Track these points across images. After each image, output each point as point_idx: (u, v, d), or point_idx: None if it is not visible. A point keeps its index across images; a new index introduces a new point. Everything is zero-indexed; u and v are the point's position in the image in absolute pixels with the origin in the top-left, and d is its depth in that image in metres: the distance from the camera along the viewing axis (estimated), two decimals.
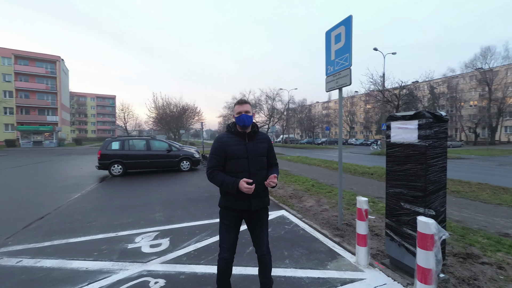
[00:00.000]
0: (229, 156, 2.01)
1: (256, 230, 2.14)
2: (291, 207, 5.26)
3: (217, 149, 2.04)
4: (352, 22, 3.61)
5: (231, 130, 2.11)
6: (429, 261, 2.06)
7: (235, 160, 2.01)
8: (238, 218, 2.09)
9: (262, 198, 2.10)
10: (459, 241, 3.49)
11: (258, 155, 2.07)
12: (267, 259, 2.15)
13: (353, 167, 11.51)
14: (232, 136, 2.08)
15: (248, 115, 2.04)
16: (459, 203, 5.62)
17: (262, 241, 2.14)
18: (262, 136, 2.17)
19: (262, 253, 2.14)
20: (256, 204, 2.05)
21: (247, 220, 2.15)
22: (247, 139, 2.08)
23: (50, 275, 2.76)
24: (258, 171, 2.04)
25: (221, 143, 2.04)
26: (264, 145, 2.14)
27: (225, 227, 2.09)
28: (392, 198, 2.75)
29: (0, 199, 6.24)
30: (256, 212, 2.10)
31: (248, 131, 2.09)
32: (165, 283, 2.56)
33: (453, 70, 45.60)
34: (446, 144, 2.55)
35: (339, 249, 3.31)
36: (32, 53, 41.71)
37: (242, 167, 2.00)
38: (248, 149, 2.04)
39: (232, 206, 2.05)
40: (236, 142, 2.05)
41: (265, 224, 2.18)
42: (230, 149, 2.02)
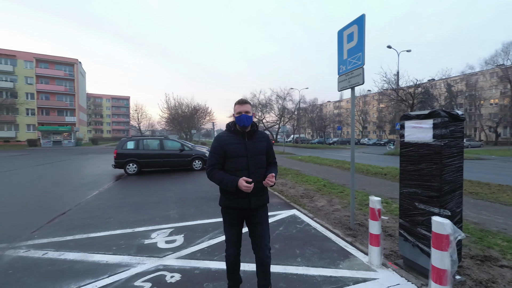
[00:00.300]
0: (228, 154, 2.03)
1: (256, 229, 2.11)
2: (302, 206, 5.27)
3: (216, 147, 2.07)
4: (365, 21, 3.59)
5: (230, 129, 2.13)
6: (444, 261, 2.04)
7: (234, 159, 2.03)
8: (238, 216, 2.10)
9: (262, 196, 2.11)
10: (477, 244, 3.39)
11: (257, 154, 2.08)
12: (268, 264, 2.10)
13: (366, 167, 11.33)
14: (231, 135, 2.10)
15: (248, 115, 2.05)
16: (477, 205, 5.44)
17: (264, 242, 2.08)
18: (261, 135, 2.19)
19: (265, 257, 2.06)
20: (256, 202, 2.06)
21: (247, 219, 2.13)
22: (247, 138, 2.09)
23: (74, 267, 2.92)
24: (257, 170, 2.06)
25: (220, 142, 2.07)
26: (263, 143, 2.15)
27: (228, 225, 2.12)
28: (406, 198, 2.72)
29: (26, 196, 6.60)
30: (256, 209, 2.10)
31: (248, 130, 2.11)
32: (181, 277, 2.66)
33: (472, 67, 43.72)
34: (462, 144, 2.50)
35: (352, 248, 3.30)
36: (52, 56, 43.56)
37: (241, 165, 2.02)
38: (248, 147, 2.06)
39: (232, 205, 2.06)
40: (235, 141, 2.07)
41: (266, 223, 2.15)
42: (230, 148, 2.04)
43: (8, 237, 3.81)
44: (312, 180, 8.28)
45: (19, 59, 41.02)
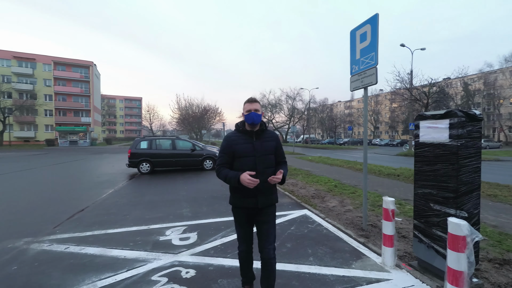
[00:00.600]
0: (236, 154, 2.05)
1: (262, 227, 2.09)
2: (313, 206, 5.27)
3: (225, 147, 2.10)
4: (379, 21, 3.56)
5: (239, 129, 2.15)
6: (460, 263, 2.01)
7: (242, 158, 2.04)
8: (247, 215, 2.11)
9: (270, 195, 2.10)
10: (495, 247, 3.30)
11: (265, 153, 2.08)
12: (272, 264, 2.02)
13: (378, 168, 11.14)
14: (240, 135, 2.11)
15: (257, 113, 2.05)
16: (496, 208, 5.27)
17: (269, 241, 2.05)
18: (270, 134, 2.18)
19: (269, 257, 2.00)
20: (263, 201, 2.05)
21: (254, 217, 2.12)
22: (255, 137, 2.09)
23: (94, 261, 3.06)
24: (265, 169, 2.04)
25: (229, 141, 2.09)
26: (272, 143, 2.13)
27: (238, 223, 2.16)
28: (420, 199, 2.69)
29: (46, 193, 6.91)
30: (264, 208, 2.09)
31: (256, 130, 2.11)
32: (196, 273, 2.74)
33: (490, 65, 42.13)
34: (480, 144, 2.46)
35: (364, 249, 3.29)
36: (68, 59, 45.14)
37: (249, 165, 2.02)
38: (255, 147, 2.06)
39: (240, 204, 2.07)
40: (243, 140, 2.08)
41: (272, 222, 2.12)
42: (238, 147, 2.05)
43: (32, 232, 4.01)
44: (323, 181, 8.24)
45: (38, 62, 42.77)
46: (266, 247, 2.03)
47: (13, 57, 41.26)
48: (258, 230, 2.12)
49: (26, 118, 41.25)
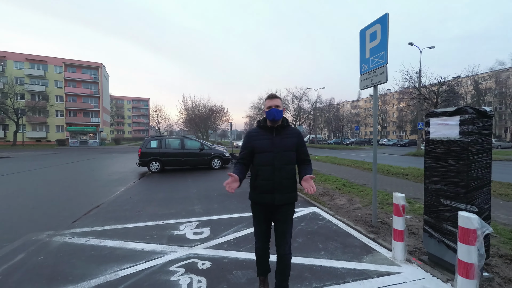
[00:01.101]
0: (255, 149, 2.08)
1: (280, 226, 2.09)
2: (322, 204, 5.34)
3: (245, 143, 2.14)
4: (388, 20, 3.62)
5: (260, 125, 2.16)
6: (471, 255, 2.07)
7: (260, 154, 2.06)
8: (264, 211, 2.10)
9: (288, 193, 2.06)
10: (506, 244, 3.32)
11: (284, 150, 2.05)
12: (288, 259, 2.10)
13: (386, 167, 11.09)
14: (260, 131, 2.13)
15: (278, 109, 2.05)
16: (508, 206, 5.23)
17: (285, 239, 2.09)
18: (292, 130, 2.15)
19: (285, 253, 2.09)
20: (280, 198, 2.02)
21: (272, 215, 2.12)
22: (275, 133, 2.08)
23: (114, 252, 3.21)
24: (283, 166, 2.02)
25: (249, 137, 2.14)
26: (293, 140, 2.10)
27: (256, 219, 2.16)
28: (431, 195, 2.74)
29: (62, 190, 7.16)
30: (281, 207, 2.06)
31: (277, 125, 2.10)
32: (211, 265, 2.85)
33: (502, 63, 41.16)
34: (490, 141, 2.50)
35: (374, 244, 3.35)
36: (78, 61, 46.17)
37: (266, 160, 2.02)
38: (274, 143, 2.04)
39: (257, 199, 2.09)
40: (263, 136, 2.09)
41: (289, 221, 2.11)
42: (256, 143, 2.08)
43: (52, 226, 4.21)
44: (330, 180, 8.28)
45: (49, 64, 43.89)
46: (282, 245, 2.09)
47: (26, 59, 42.46)
48: (276, 228, 2.14)
49: (38, 119, 42.37)
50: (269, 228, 2.19)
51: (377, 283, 2.46)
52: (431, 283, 2.45)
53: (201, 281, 2.54)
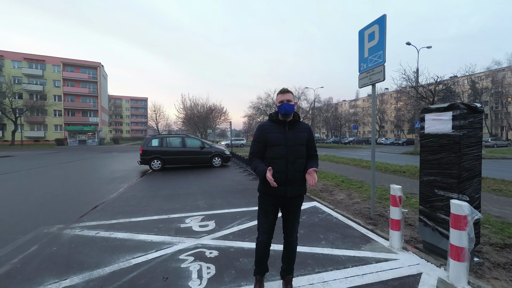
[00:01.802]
0: (268, 143, 2.10)
1: (289, 217, 2.18)
2: (322, 199, 5.51)
3: (258, 136, 2.17)
4: (386, 21, 3.78)
5: (272, 119, 2.19)
6: (462, 240, 2.25)
7: (274, 147, 2.09)
8: (274, 203, 2.14)
9: (299, 186, 2.11)
10: (497, 234, 3.50)
11: (297, 144, 2.10)
12: (295, 245, 2.22)
13: (384, 165, 11.29)
14: (272, 124, 2.16)
15: (290, 104, 2.09)
16: (501, 201, 5.43)
17: (294, 228, 2.20)
18: (303, 125, 2.21)
19: (293, 239, 2.20)
20: (292, 190, 2.07)
21: (283, 207, 2.18)
22: (287, 127, 2.13)
23: (125, 243, 3.36)
24: (295, 159, 2.08)
25: (262, 130, 2.16)
26: (304, 134, 2.15)
27: (263, 212, 2.17)
28: (425, 186, 2.92)
29: (67, 187, 7.28)
30: (292, 199, 2.13)
31: (290, 120, 2.15)
32: (218, 253, 3.01)
33: (498, 62, 41.62)
34: (481, 134, 2.67)
35: (372, 235, 3.52)
36: (77, 60, 46.01)
37: (280, 154, 2.06)
38: (287, 137, 2.09)
39: (269, 191, 2.09)
40: (276, 130, 2.12)
41: (298, 212, 2.20)
42: (270, 136, 2.10)
43: (62, 220, 4.33)
44: (330, 177, 8.45)
45: (48, 63, 43.70)
46: (291, 232, 2.21)
47: (24, 58, 42.26)
48: (284, 220, 2.22)
49: (36, 118, 42.20)
50: (275, 221, 2.19)
51: (375, 268, 2.63)
52: (425, 268, 2.62)
53: (210, 267, 2.69)
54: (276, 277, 2.44)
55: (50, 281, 2.47)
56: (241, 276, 2.53)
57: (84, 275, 2.59)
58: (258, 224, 2.21)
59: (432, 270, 2.58)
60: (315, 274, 2.54)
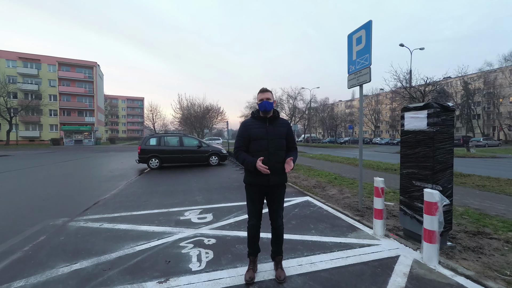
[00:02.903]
0: (251, 137, 2.34)
1: (272, 204, 2.42)
2: (315, 194, 5.78)
3: (242, 132, 2.40)
4: (372, 26, 4.07)
5: (254, 116, 2.44)
6: (433, 224, 2.53)
7: (256, 141, 2.32)
8: (259, 192, 2.38)
9: (280, 175, 2.35)
10: (473, 223, 3.80)
11: (277, 137, 2.34)
12: (281, 230, 2.45)
13: (377, 163, 11.63)
14: (254, 121, 2.41)
15: (268, 102, 2.32)
16: (482, 196, 5.76)
17: (278, 214, 2.43)
18: (282, 121, 2.46)
19: (278, 225, 2.43)
20: (274, 179, 2.31)
21: (267, 195, 2.41)
22: (268, 123, 2.37)
23: (128, 233, 3.59)
24: (276, 151, 2.32)
25: (245, 126, 2.40)
26: (284, 129, 2.40)
27: (250, 200, 2.42)
28: (405, 178, 3.20)
29: (68, 185, 7.45)
30: (274, 187, 2.36)
31: (270, 116, 2.39)
32: (216, 241, 3.26)
33: (490, 64, 42.40)
34: (452, 131, 2.96)
35: (359, 224, 3.80)
36: (72, 59, 45.80)
37: (262, 146, 2.30)
38: (268, 131, 2.33)
39: (253, 181, 2.34)
40: (258, 125, 2.36)
41: (281, 199, 2.43)
42: (253, 131, 2.34)
43: (66, 214, 4.54)
44: (323, 174, 8.74)
45: (43, 63, 43.43)
46: (276, 218, 2.44)
47: (19, 58, 41.94)
48: (270, 206, 2.45)
49: (31, 118, 41.92)
50: (262, 206, 2.44)
51: (358, 252, 2.91)
52: (403, 251, 2.90)
53: (208, 252, 2.94)
54: (268, 259, 2.69)
55: (62, 265, 2.70)
56: (237, 259, 2.78)
57: (93, 259, 2.82)
58: (247, 211, 2.46)
59: (409, 253, 2.86)
60: (304, 257, 2.80)
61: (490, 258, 2.73)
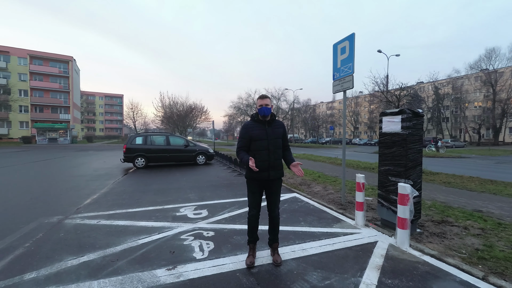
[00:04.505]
0: (253, 138, 2.65)
1: (272, 196, 2.74)
2: (301, 191, 6.19)
3: (244, 133, 2.71)
4: (355, 38, 4.52)
5: (254, 119, 2.74)
6: (405, 213, 2.98)
7: (257, 141, 2.64)
8: (259, 185, 2.69)
9: (279, 170, 2.70)
10: (438, 214, 4.37)
11: (275, 137, 2.68)
12: (278, 219, 2.78)
13: (356, 163, 12.37)
14: (255, 123, 2.71)
15: (267, 107, 2.65)
16: (448, 191, 6.47)
17: (276, 204, 2.76)
18: (278, 123, 2.80)
19: (275, 215, 2.76)
20: (274, 174, 2.66)
21: (266, 188, 2.72)
22: (267, 125, 2.70)
23: (128, 229, 3.74)
24: (275, 150, 2.66)
25: (247, 129, 2.70)
26: (280, 130, 2.75)
27: (251, 193, 2.72)
28: (382, 174, 3.66)
29: (53, 184, 7.29)
30: (273, 181, 2.70)
31: (268, 119, 2.71)
32: (214, 233, 3.52)
33: (458, 71, 45.86)
34: (421, 133, 3.45)
35: (342, 216, 4.23)
36: (46, 53, 43.23)
37: (263, 146, 2.62)
38: (268, 132, 2.65)
39: (255, 176, 2.64)
40: (258, 127, 2.68)
41: (279, 192, 2.78)
42: (254, 133, 2.65)
43: (59, 212, 4.55)
44: (308, 173, 9.22)
45: (12, 55, 40.57)
46: (274, 209, 2.76)
47: None
48: (268, 198, 2.76)
49: None
50: (261, 198, 2.75)
51: (343, 239, 3.31)
52: (380, 238, 3.34)
53: (209, 243, 3.20)
54: (264, 248, 3.01)
55: (69, 258, 2.83)
56: (236, 248, 3.07)
57: (99, 252, 2.97)
58: (248, 203, 2.76)
59: (386, 239, 3.31)
60: (296, 245, 3.15)
61: (451, 241, 3.24)
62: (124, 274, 2.50)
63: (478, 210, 4.71)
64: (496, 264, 2.64)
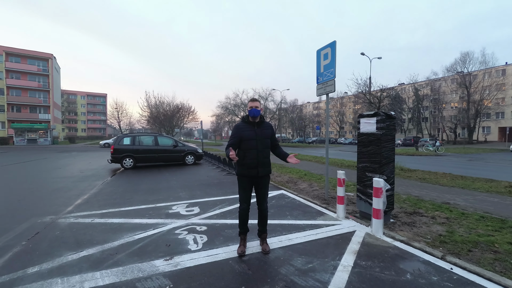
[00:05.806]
0: (243, 138, 2.89)
1: (261, 191, 3.01)
2: (288, 188, 6.52)
3: (235, 133, 2.95)
4: (336, 46, 4.88)
5: (244, 120, 3.00)
6: (379, 204, 3.35)
7: (247, 141, 2.88)
8: (249, 181, 2.94)
9: (267, 167, 2.97)
10: (411, 206, 4.82)
11: (264, 138, 2.94)
12: (266, 212, 3.06)
13: (340, 161, 12.91)
14: (245, 124, 2.97)
15: (257, 109, 2.92)
16: (422, 186, 7.02)
17: (264, 199, 3.04)
18: (267, 124, 3.06)
19: (264, 208, 3.04)
20: (263, 171, 2.93)
21: (255, 184, 2.97)
22: (256, 126, 2.96)
23: (123, 226, 3.89)
24: (264, 149, 2.93)
25: (238, 129, 2.95)
26: (269, 131, 3.02)
27: (242, 188, 2.98)
28: (360, 170, 4.03)
29: (41, 185, 7.20)
30: (262, 178, 2.96)
31: (257, 121, 2.98)
32: (207, 228, 3.75)
33: (435, 73, 48.17)
34: (394, 133, 3.85)
35: (326, 210, 4.59)
36: (24, 50, 41.35)
37: (252, 145, 2.87)
38: (257, 133, 2.91)
39: (245, 173, 2.91)
40: (248, 128, 2.93)
41: (267, 187, 3.06)
42: (244, 133, 2.90)
43: (51, 212, 4.60)
44: (294, 171, 9.59)
45: None
46: (263, 203, 3.05)
47: None
48: (258, 193, 3.04)
49: None
50: (251, 194, 3.01)
51: (325, 230, 3.64)
52: (358, 228, 3.71)
53: (202, 237, 3.43)
54: (254, 239, 3.28)
55: (69, 253, 2.98)
56: (228, 240, 3.32)
57: (97, 247, 3.13)
58: (239, 197, 3.02)
59: (363, 228, 3.67)
60: (283, 236, 3.45)
61: (419, 229, 3.66)
62: (124, 265, 2.69)
63: (446, 202, 5.21)
64: (454, 246, 3.06)
